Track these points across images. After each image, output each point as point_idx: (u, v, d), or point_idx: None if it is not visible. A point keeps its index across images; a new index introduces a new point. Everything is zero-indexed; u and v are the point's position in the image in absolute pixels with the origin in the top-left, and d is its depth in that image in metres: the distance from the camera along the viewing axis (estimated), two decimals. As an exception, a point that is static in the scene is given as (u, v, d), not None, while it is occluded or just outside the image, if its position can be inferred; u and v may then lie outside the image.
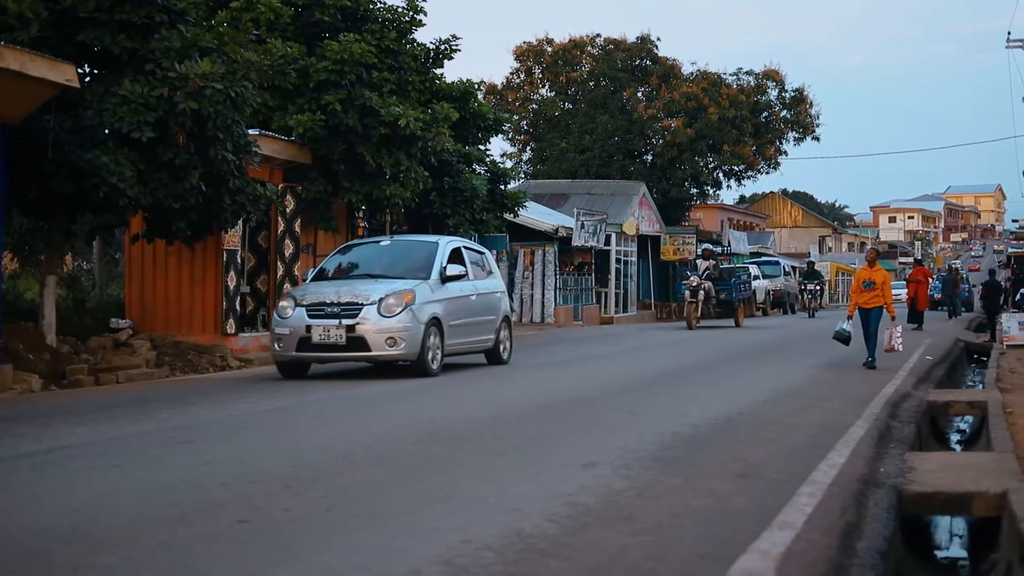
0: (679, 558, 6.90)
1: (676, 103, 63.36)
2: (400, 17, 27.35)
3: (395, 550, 6.91)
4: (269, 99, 22.76)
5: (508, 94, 68.52)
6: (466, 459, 10.35)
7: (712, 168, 66.38)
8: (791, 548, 7.15)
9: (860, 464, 10.48)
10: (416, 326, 18.31)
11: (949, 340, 31.67)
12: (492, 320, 21.39)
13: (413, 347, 18.30)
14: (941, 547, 10.21)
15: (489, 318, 21.27)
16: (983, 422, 15.36)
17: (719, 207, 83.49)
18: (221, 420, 13.37)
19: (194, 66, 18.17)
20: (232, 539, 7.16)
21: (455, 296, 19.84)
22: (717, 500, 8.60)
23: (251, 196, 20.35)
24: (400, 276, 19.26)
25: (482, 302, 21.00)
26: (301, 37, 25.37)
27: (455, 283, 19.85)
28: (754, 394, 16.37)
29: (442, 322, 19.07)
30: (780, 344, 29.60)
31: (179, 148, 18.33)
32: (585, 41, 68.71)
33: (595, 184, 57.53)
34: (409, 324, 18.21)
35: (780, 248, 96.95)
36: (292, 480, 9.16)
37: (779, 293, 60.45)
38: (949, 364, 25.26)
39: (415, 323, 18.30)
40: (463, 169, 31.17)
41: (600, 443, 11.36)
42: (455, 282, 19.82)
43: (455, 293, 19.86)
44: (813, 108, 68.06)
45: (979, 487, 9.56)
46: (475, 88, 32.66)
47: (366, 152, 24.48)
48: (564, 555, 6.85)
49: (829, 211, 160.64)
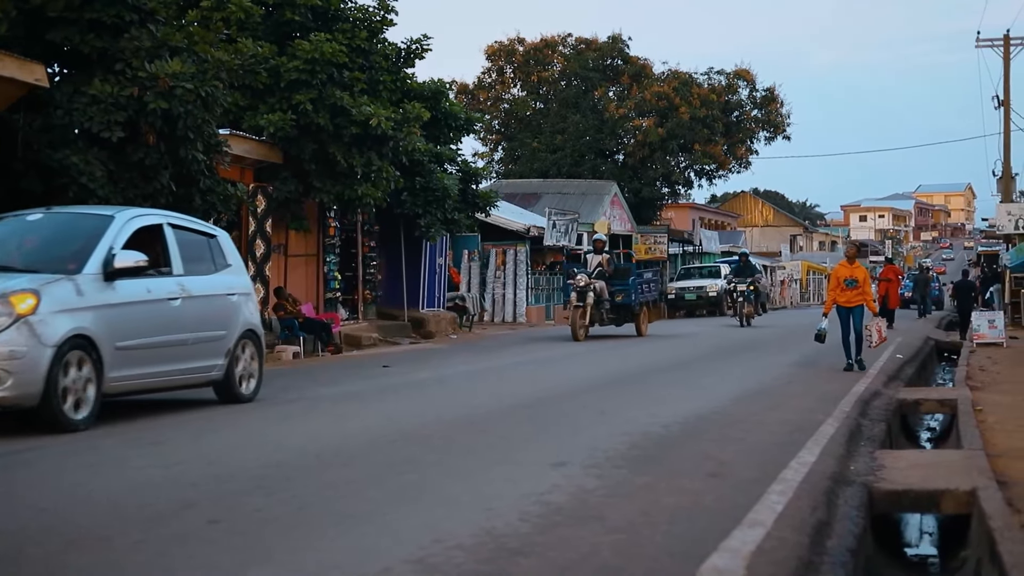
0: (649, 556, 6.92)
1: (647, 102, 63.46)
2: (371, 16, 27.32)
3: (367, 549, 6.91)
4: (240, 99, 22.70)
5: (479, 93, 68.54)
6: (438, 458, 10.35)
7: (683, 167, 66.55)
8: (761, 546, 7.18)
9: (830, 462, 10.52)
10: (35, 350, 11.56)
11: (919, 339, 31.79)
12: (219, 337, 14.74)
13: (26, 386, 11.50)
14: (911, 545, 10.27)
15: (213, 334, 14.61)
16: (953, 420, 15.43)
17: (690, 206, 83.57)
18: (191, 421, 13.34)
19: (164, 66, 18.12)
20: (204, 539, 7.15)
21: (133, 301, 13.10)
22: (688, 498, 8.62)
23: (222, 196, 20.29)
24: (31, 268, 12.62)
25: (196, 310, 14.24)
26: (272, 36, 25.31)
27: (133, 281, 13.12)
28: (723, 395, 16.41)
29: (98, 343, 12.31)
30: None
31: (149, 148, 18.27)
32: (556, 40, 68.78)
33: (567, 184, 57.58)
34: (20, 348, 11.49)
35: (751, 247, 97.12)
36: (263, 480, 9.16)
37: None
38: (920, 362, 25.36)
39: (33, 346, 11.57)
40: (434, 169, 31.17)
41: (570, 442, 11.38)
42: (133, 279, 13.11)
43: (133, 296, 13.13)
44: (784, 107, 68.40)
45: (949, 485, 9.61)
46: (446, 87, 32.65)
47: (337, 152, 24.45)
48: (535, 554, 6.87)
49: (800, 210, 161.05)
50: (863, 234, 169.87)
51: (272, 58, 23.72)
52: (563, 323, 44.79)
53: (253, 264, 24.72)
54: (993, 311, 37.87)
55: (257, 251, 24.84)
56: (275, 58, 23.90)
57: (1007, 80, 52.51)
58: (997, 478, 9.87)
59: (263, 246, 25.03)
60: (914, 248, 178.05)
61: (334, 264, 29.11)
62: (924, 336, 33.38)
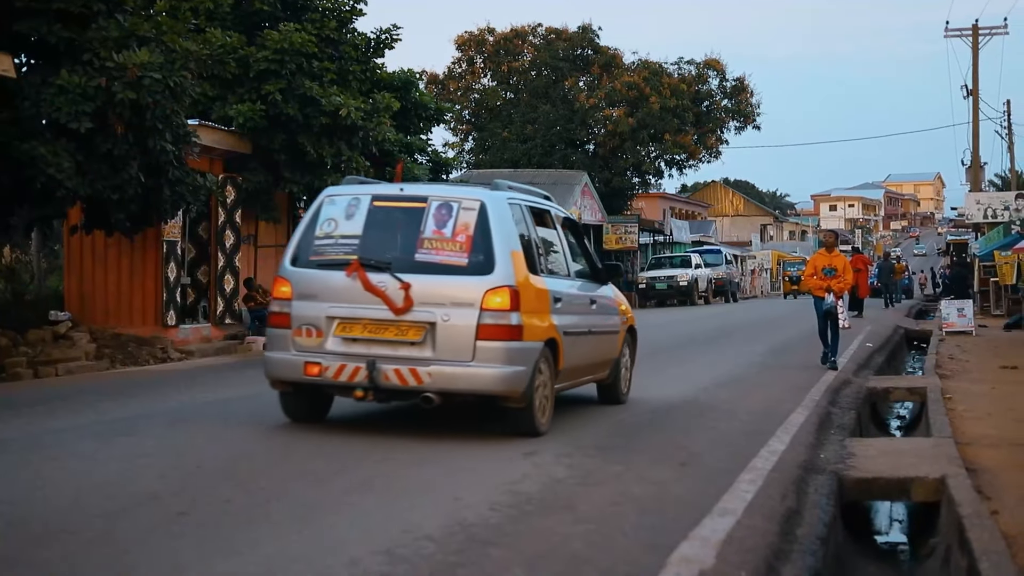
0: (620, 546, 6.91)
1: (618, 92, 63.38)
2: (340, 6, 27.18)
3: (335, 540, 6.88)
4: (208, 89, 22.58)
5: (450, 84, 68.35)
6: (408, 448, 10.32)
7: (654, 157, 66.47)
8: (732, 534, 7.19)
9: (800, 451, 10.56)
10: None
11: (889, 327, 31.91)
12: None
13: None
14: (881, 532, 10.30)
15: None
16: (923, 408, 15.51)
17: (661, 196, 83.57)
18: (161, 412, 13.28)
19: (132, 56, 18.02)
20: (171, 531, 7.11)
21: None
22: (658, 488, 8.63)
23: (191, 187, 20.20)
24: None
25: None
26: (241, 26, 25.18)
27: None
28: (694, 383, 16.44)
29: None
30: None
31: (118, 138, 18.17)
32: (527, 31, 68.64)
33: (537, 174, 57.47)
34: None
35: (722, 237, 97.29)
36: (232, 472, 9.11)
37: (721, 282, 60.68)
38: (889, 351, 25.46)
39: None
40: (405, 159, 31.08)
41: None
42: None
43: None
44: (754, 97, 68.37)
45: (918, 473, 9.66)
46: (416, 78, 32.52)
47: (307, 142, 24.34)
48: (505, 544, 6.85)
49: (770, 200, 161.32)
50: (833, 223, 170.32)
51: (241, 48, 23.59)
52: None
53: (223, 255, 24.65)
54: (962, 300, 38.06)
55: (227, 242, 24.75)
56: (244, 48, 23.77)
57: (975, 70, 52.73)
58: (966, 465, 9.92)
59: (233, 237, 24.93)
60: (884, 237, 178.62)
61: (304, 255, 28.99)
62: (894, 325, 33.50)
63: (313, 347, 11.00)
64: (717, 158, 68.57)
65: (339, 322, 10.99)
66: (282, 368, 11.24)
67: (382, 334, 10.87)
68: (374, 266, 10.96)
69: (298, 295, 11.23)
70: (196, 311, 24.63)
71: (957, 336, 29.38)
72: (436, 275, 10.89)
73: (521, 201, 12.11)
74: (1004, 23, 53.51)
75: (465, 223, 11.02)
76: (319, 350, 10.96)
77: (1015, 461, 10.45)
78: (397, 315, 10.77)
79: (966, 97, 53.70)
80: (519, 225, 11.59)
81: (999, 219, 45.21)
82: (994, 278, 43.44)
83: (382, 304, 10.80)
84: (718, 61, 67.91)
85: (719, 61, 67.92)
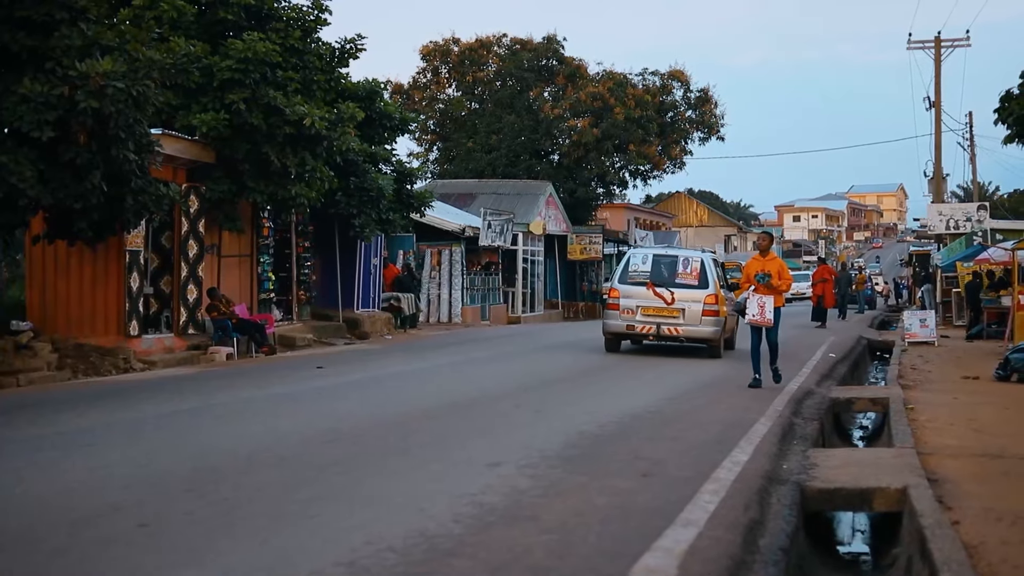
0: (582, 556, 6.91)
1: (582, 103, 63.46)
2: (305, 16, 27.16)
3: (297, 551, 6.87)
4: (172, 98, 22.45)
5: (414, 93, 68.31)
6: (370, 459, 10.31)
7: (618, 168, 66.55)
8: (694, 545, 7.20)
9: (763, 461, 10.58)
10: None
11: (852, 338, 32.04)
12: None
13: None
14: (843, 542, 10.32)
15: None
16: (885, 418, 15.57)
17: (625, 206, 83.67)
18: (123, 423, 13.22)
19: (95, 64, 17.93)
20: (132, 542, 7.08)
21: None
22: (621, 498, 8.63)
23: (154, 196, 20.11)
24: None
25: None
26: (205, 35, 25.10)
27: None
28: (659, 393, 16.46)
29: None
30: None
31: (80, 147, 18.07)
32: (491, 41, 68.67)
33: (502, 184, 57.47)
34: None
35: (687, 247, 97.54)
36: (194, 482, 9.08)
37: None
38: (852, 361, 25.56)
39: None
40: (369, 169, 31.04)
41: (505, 442, 11.38)
42: None
43: None
44: (718, 108, 68.50)
45: (880, 483, 9.69)
46: (381, 87, 32.54)
47: (271, 151, 24.28)
48: (468, 555, 6.85)
49: (734, 210, 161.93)
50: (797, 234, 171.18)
51: (205, 57, 23.51)
52: (499, 323, 44.85)
53: (186, 264, 24.55)
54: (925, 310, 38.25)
55: (190, 252, 24.66)
56: (208, 57, 23.70)
57: (938, 82, 53.02)
58: (928, 476, 9.96)
59: (196, 247, 24.84)
60: (847, 248, 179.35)
61: (268, 265, 28.94)
62: (857, 335, 33.63)
63: (629, 319, 24.14)
64: (681, 169, 68.72)
65: (641, 308, 24.02)
66: (614, 327, 24.56)
67: (661, 313, 23.86)
68: (657, 284, 23.92)
69: (623, 295, 24.30)
70: (159, 321, 24.51)
71: (919, 346, 29.51)
72: (684, 288, 23.89)
73: (715, 257, 25.26)
74: (966, 35, 53.79)
75: (695, 266, 24.23)
76: (632, 320, 24.09)
77: (976, 471, 10.50)
78: (668, 305, 23.78)
79: (929, 109, 53.99)
80: (716, 267, 25.09)
81: (961, 230, 45.42)
82: (956, 289, 43.69)
83: (661, 301, 23.78)
84: (682, 72, 68.06)
85: (683, 72, 68.07)
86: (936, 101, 52.95)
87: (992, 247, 37.18)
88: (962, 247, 42.77)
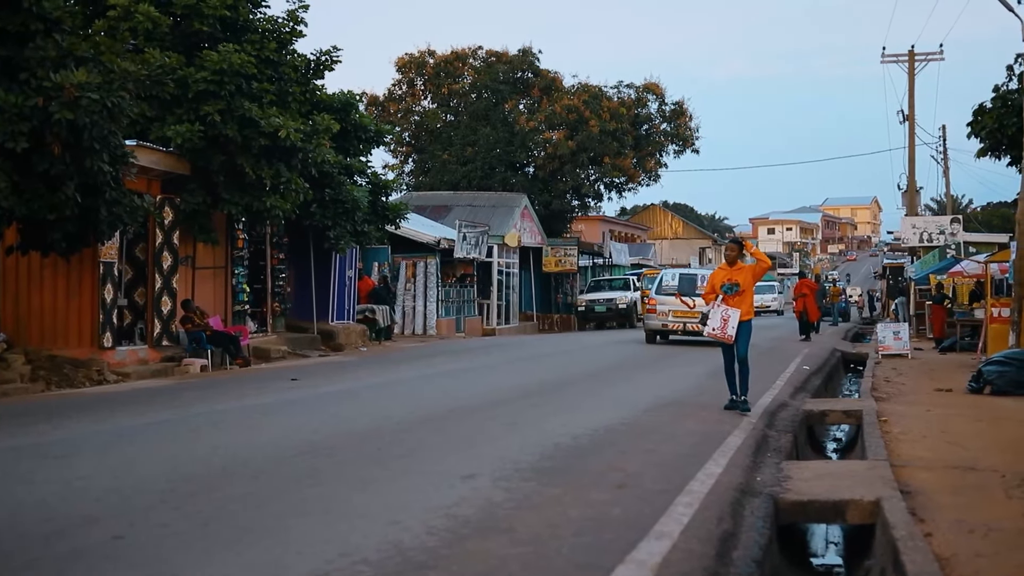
0: (556, 569, 6.92)
1: (557, 115, 63.54)
2: (280, 28, 27.17)
3: (271, 564, 6.86)
4: (147, 109, 22.43)
5: (390, 105, 68.31)
6: (345, 471, 10.29)
7: (593, 180, 66.63)
8: (668, 558, 7.21)
9: (737, 473, 10.60)
10: None
11: (826, 350, 32.12)
12: None
13: None
14: (817, 554, 10.34)
15: None
16: (858, 431, 15.59)
17: (600, 219, 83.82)
18: (97, 434, 13.18)
19: (70, 75, 17.91)
20: (106, 555, 7.06)
21: None
22: (595, 510, 8.64)
23: (128, 207, 20.08)
24: None
25: None
26: (180, 47, 25.07)
27: None
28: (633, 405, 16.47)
29: None
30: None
31: (54, 158, 18.04)
32: (467, 53, 68.72)
33: (477, 196, 57.52)
34: None
35: (661, 259, 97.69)
36: (169, 494, 9.06)
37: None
38: (826, 374, 25.61)
39: None
40: (344, 181, 31.04)
41: (479, 454, 11.38)
42: None
43: None
44: (693, 121, 68.64)
45: (853, 495, 9.71)
46: (356, 99, 32.52)
47: (246, 163, 24.27)
48: (442, 567, 6.85)
49: (709, 223, 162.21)
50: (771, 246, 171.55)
51: (180, 68, 23.48)
52: (474, 336, 44.82)
53: (160, 276, 24.51)
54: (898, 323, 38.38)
55: (164, 263, 24.62)
56: (183, 68, 23.67)
57: (911, 95, 53.20)
58: (901, 488, 9.99)
59: (170, 258, 24.80)
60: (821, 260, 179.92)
61: (242, 276, 28.91)
62: (831, 348, 33.72)
63: (664, 319, 32.65)
64: (656, 181, 68.85)
65: (672, 311, 31.65)
66: (653, 326, 33.40)
67: (686, 315, 30.40)
68: (683, 294, 28.93)
69: (659, 303, 32.75)
70: (133, 333, 24.46)
71: (893, 359, 29.61)
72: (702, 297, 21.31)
73: None
74: (940, 49, 53.98)
75: None
76: (666, 320, 32.54)
77: (949, 483, 10.54)
78: (690, 309, 28.13)
79: (902, 122, 54.16)
80: None
81: (935, 243, 45.56)
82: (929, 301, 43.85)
83: (685, 306, 28.53)
84: (657, 85, 68.19)
85: (658, 85, 68.20)
86: (910, 114, 53.15)
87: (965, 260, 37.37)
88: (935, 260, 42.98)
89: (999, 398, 18.95)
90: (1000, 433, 14.53)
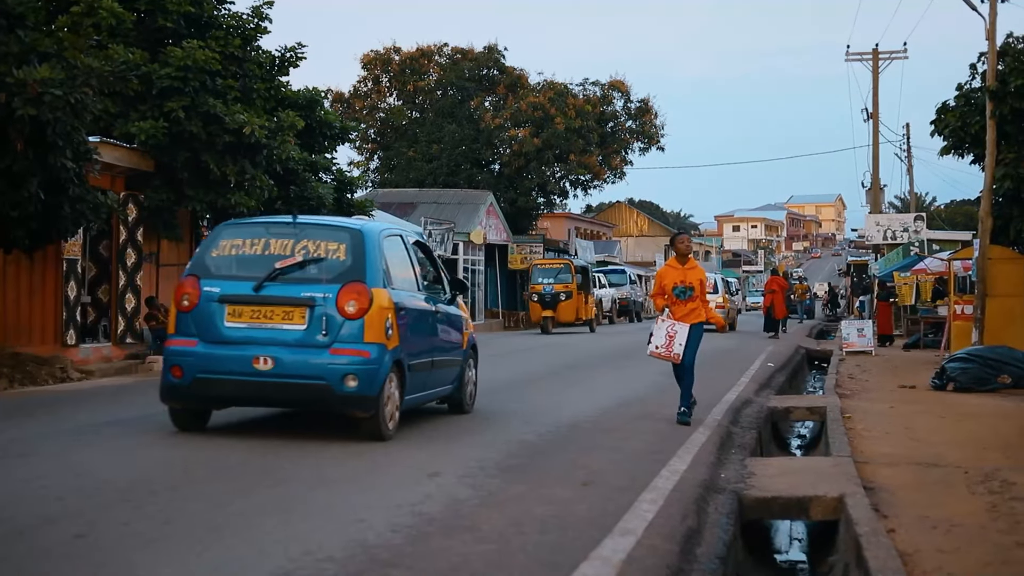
0: (520, 566, 6.92)
1: (523, 113, 63.60)
2: (245, 24, 27.05)
3: (234, 562, 6.84)
4: (110, 106, 22.30)
5: (355, 102, 68.22)
6: (308, 469, 10.26)
7: (559, 177, 66.73)
8: (632, 554, 7.22)
9: (701, 470, 10.63)
10: None
11: (791, 347, 32.23)
12: None
13: None
14: (781, 550, 10.39)
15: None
16: (823, 427, 15.68)
17: (566, 216, 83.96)
18: (59, 433, 13.09)
19: (33, 71, 17.80)
20: (66, 555, 7.01)
21: None
22: (559, 508, 8.65)
23: (92, 204, 19.97)
24: None
25: None
26: (144, 43, 24.94)
27: None
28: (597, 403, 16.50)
29: None
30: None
31: (17, 155, 17.93)
32: (432, 50, 68.70)
33: (443, 193, 57.51)
34: None
35: (626, 257, 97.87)
36: (130, 493, 9.00)
37: (624, 301, 61.01)
38: (791, 370, 25.72)
39: None
40: (309, 178, 30.89)
41: (445, 452, 11.38)
42: None
43: None
44: (658, 119, 68.79)
45: (817, 491, 9.76)
46: (321, 96, 32.40)
47: (210, 160, 24.16)
48: (406, 565, 6.84)
49: (674, 220, 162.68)
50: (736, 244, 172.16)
51: (144, 65, 23.35)
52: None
53: (124, 273, 24.40)
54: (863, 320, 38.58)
55: (128, 260, 24.51)
56: (147, 65, 23.55)
57: (876, 93, 53.45)
58: (864, 484, 10.04)
59: (134, 255, 24.69)
60: (786, 258, 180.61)
61: (207, 273, 28.77)
62: (795, 345, 33.85)
63: None
64: (622, 179, 69.06)
65: None
66: None
67: None
68: None
69: None
70: (96, 330, 24.34)
71: (857, 356, 29.75)
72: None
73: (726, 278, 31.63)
74: (904, 47, 54.22)
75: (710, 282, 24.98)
76: None
77: (912, 480, 10.59)
78: None
79: (866, 120, 54.41)
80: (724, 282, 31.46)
81: (898, 240, 45.81)
82: (893, 298, 44.07)
83: None
84: (623, 83, 68.30)
85: (624, 83, 68.32)
86: (874, 113, 53.38)
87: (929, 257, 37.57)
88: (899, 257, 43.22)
89: (962, 395, 19.08)
90: (963, 429, 14.62)
